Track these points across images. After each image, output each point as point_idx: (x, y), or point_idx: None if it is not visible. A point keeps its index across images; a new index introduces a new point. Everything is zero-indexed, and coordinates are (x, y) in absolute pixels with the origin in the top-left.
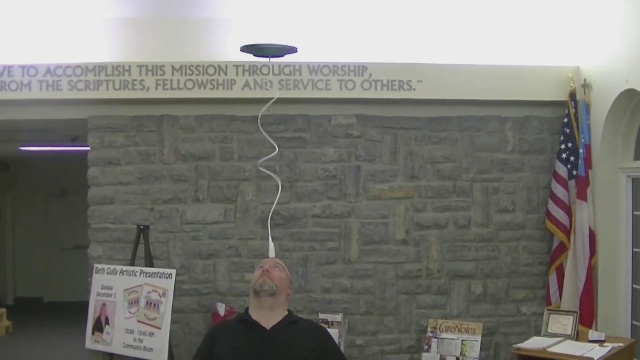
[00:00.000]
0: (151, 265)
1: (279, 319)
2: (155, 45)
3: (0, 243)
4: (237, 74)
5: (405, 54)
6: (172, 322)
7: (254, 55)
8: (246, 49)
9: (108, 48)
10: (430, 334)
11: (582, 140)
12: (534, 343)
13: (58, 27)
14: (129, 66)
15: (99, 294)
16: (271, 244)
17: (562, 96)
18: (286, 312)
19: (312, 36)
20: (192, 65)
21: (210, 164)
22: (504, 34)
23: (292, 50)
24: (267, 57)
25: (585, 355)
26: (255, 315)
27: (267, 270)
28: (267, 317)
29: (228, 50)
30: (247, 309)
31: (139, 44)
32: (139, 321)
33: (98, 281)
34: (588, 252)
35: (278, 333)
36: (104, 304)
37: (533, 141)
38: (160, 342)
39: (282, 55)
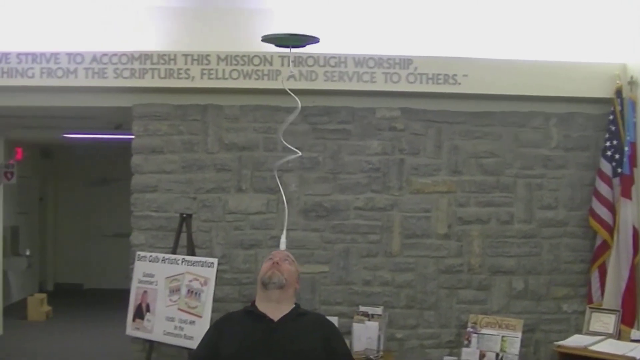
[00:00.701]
0: (193, 254)
1: (286, 312)
2: (201, 35)
3: (41, 230)
4: (282, 64)
5: (451, 48)
6: (213, 311)
7: (275, 45)
8: (267, 39)
9: (154, 37)
10: (471, 330)
11: (628, 138)
12: (575, 341)
13: (105, 15)
14: (175, 55)
15: (140, 282)
16: (283, 236)
17: (608, 93)
18: (294, 305)
19: (358, 28)
20: (237, 55)
21: (253, 154)
22: (551, 30)
23: (315, 40)
24: (287, 47)
25: (628, 354)
26: (262, 307)
27: (277, 263)
28: (275, 309)
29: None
30: (253, 301)
31: (185, 33)
32: (180, 309)
33: (140, 269)
34: (631, 250)
35: (285, 325)
36: (145, 292)
37: (578, 138)
38: (201, 330)
39: (304, 46)
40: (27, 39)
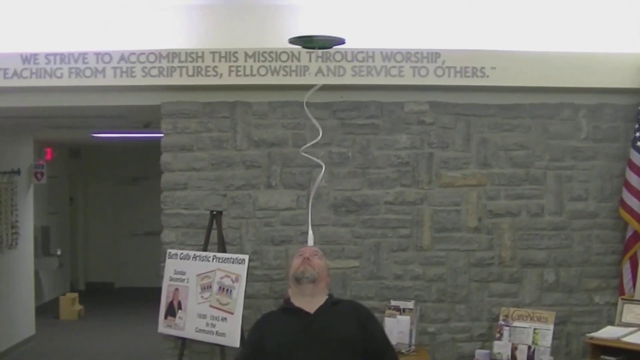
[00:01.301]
0: (224, 251)
1: (321, 303)
2: (228, 32)
3: (72, 229)
4: (310, 60)
5: (479, 41)
6: (245, 307)
7: (302, 47)
8: (295, 40)
9: (181, 35)
10: (502, 322)
11: None
12: (607, 332)
13: (132, 14)
14: (202, 53)
15: (171, 279)
16: (310, 232)
17: (637, 83)
18: (327, 296)
19: (384, 23)
20: (265, 52)
21: (282, 151)
22: (578, 21)
23: (341, 41)
24: (314, 48)
25: None
26: (298, 302)
27: (308, 258)
28: (309, 302)
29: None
30: (287, 298)
31: (212, 30)
32: (211, 306)
33: (171, 266)
34: None
35: (322, 315)
36: (176, 289)
37: (607, 129)
38: (233, 327)
39: (330, 47)
40: (55, 40)
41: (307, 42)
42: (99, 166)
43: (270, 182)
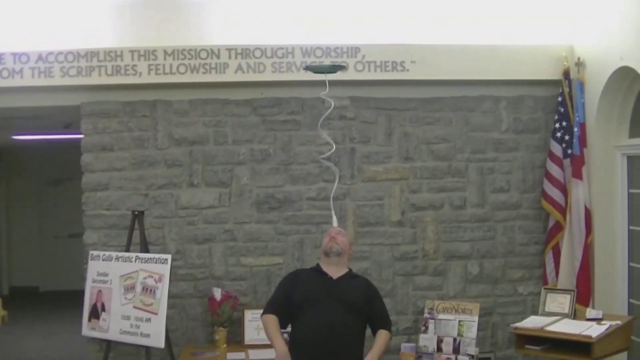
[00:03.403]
0: (147, 251)
1: (342, 273)
2: (147, 30)
3: None
4: (229, 57)
5: (398, 35)
6: (169, 307)
7: (313, 72)
8: (306, 68)
9: (100, 34)
10: (428, 315)
11: (577, 118)
12: (531, 322)
13: (49, 13)
14: (121, 52)
15: (94, 281)
16: (334, 215)
17: (556, 75)
18: (348, 269)
19: (303, 18)
20: (184, 50)
21: (204, 149)
22: (497, 14)
23: (343, 68)
24: (323, 73)
25: (584, 333)
26: (325, 268)
27: (334, 237)
28: (335, 271)
29: (220, 34)
30: (317, 264)
31: (130, 29)
32: (135, 307)
33: (93, 268)
34: (584, 230)
35: (342, 282)
36: (99, 291)
37: (528, 120)
38: (157, 327)
39: (335, 72)
40: None
41: (316, 69)
42: (21, 168)
43: (192, 181)
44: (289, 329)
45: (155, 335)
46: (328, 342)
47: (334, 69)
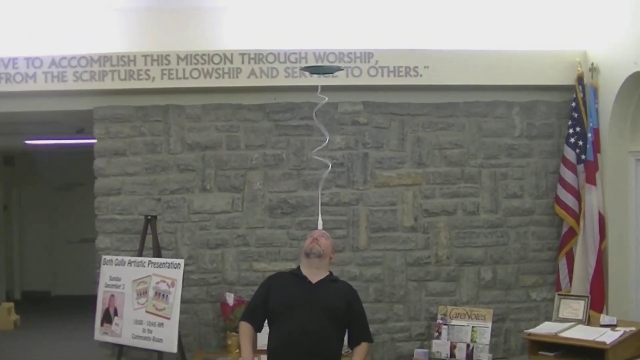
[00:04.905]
0: (159, 256)
1: (322, 277)
2: (160, 35)
3: (7, 238)
4: (242, 62)
5: (412, 40)
6: (181, 312)
7: (311, 73)
8: (304, 69)
9: (113, 39)
10: (440, 321)
11: (591, 124)
12: (545, 328)
13: (62, 18)
14: (134, 56)
15: (107, 286)
16: (320, 217)
17: (570, 80)
18: (328, 273)
19: (317, 23)
20: (197, 55)
21: (217, 153)
22: (511, 19)
23: (340, 69)
24: (319, 74)
25: (598, 339)
26: (305, 272)
27: (317, 239)
28: (314, 274)
29: (233, 39)
30: (298, 266)
31: (143, 34)
32: (147, 312)
33: (106, 272)
34: (598, 236)
35: (321, 287)
36: (112, 295)
37: (541, 126)
38: (170, 332)
39: (332, 73)
40: None
41: (313, 70)
42: (33, 173)
43: (205, 186)
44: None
45: (167, 340)
46: (305, 348)
47: (331, 70)
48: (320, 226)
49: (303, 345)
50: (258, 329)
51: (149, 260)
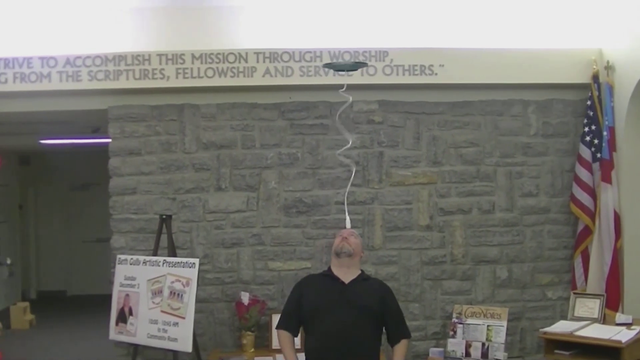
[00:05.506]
0: (174, 255)
1: (354, 276)
2: (175, 34)
3: (22, 237)
4: (257, 61)
5: (427, 39)
6: (196, 311)
7: (334, 70)
8: (326, 66)
9: (128, 38)
10: (456, 320)
11: (606, 122)
12: (560, 327)
13: (77, 17)
14: (149, 55)
15: (122, 285)
16: (347, 216)
17: (585, 79)
18: (360, 271)
19: (332, 22)
20: (212, 54)
21: (232, 152)
22: (526, 17)
23: (364, 65)
24: (343, 72)
25: (613, 338)
26: (336, 272)
27: (346, 238)
28: (345, 273)
29: (248, 38)
30: (329, 267)
31: (158, 33)
32: (162, 311)
33: (121, 272)
34: (613, 235)
35: (354, 286)
36: (127, 295)
37: (557, 124)
38: (185, 332)
39: (356, 70)
40: None
41: (337, 67)
42: (49, 173)
43: (220, 185)
44: None
45: (182, 339)
46: (343, 349)
47: (355, 66)
48: (348, 225)
49: (341, 346)
50: (295, 334)
51: (164, 260)
